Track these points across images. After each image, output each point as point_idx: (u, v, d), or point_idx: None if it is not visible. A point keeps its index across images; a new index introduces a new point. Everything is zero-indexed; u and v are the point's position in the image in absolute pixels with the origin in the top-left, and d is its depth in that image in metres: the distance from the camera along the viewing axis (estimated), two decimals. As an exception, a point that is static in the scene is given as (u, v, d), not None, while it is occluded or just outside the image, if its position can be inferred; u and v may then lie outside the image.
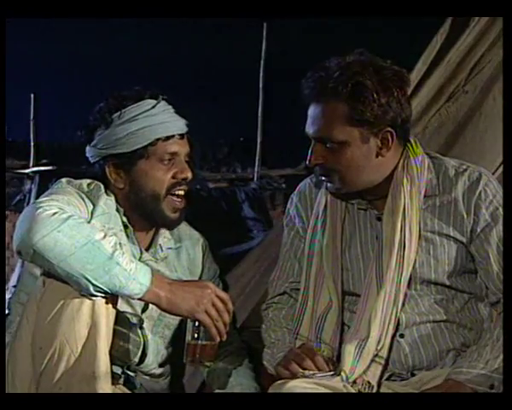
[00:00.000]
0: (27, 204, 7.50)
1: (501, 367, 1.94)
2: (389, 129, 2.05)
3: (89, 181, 2.21)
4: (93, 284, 1.87)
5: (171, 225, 2.27)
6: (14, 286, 4.10)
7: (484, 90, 2.60)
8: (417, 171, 2.10)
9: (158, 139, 2.18)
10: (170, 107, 2.25)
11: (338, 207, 2.17)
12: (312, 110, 2.08)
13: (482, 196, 2.06)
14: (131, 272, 1.90)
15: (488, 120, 2.56)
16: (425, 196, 2.10)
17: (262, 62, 9.71)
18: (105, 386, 1.91)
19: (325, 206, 2.17)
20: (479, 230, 2.06)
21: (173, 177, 2.20)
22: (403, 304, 2.05)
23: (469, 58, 2.65)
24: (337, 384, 2.02)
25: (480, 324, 2.10)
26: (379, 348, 2.02)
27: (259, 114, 9.94)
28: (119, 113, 2.18)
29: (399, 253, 2.05)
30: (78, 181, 2.19)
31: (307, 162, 2.09)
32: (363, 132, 2.03)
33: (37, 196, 2.16)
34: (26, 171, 9.86)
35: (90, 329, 1.90)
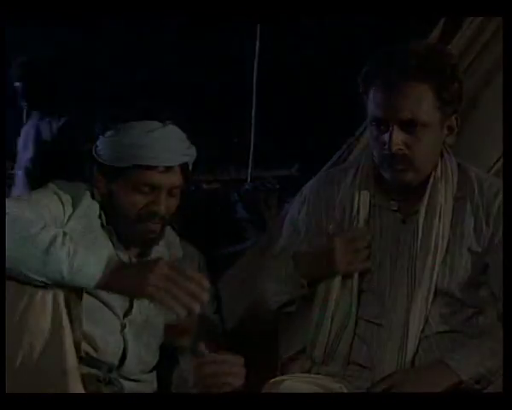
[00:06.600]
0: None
1: (492, 369, 1.93)
2: (456, 115, 2.04)
3: (80, 184, 2.18)
4: (35, 279, 1.81)
5: (145, 245, 2.18)
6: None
7: (481, 88, 2.59)
8: (451, 170, 2.08)
9: (137, 166, 2.07)
10: (173, 135, 2.12)
11: (366, 211, 2.10)
12: (393, 92, 1.98)
13: (501, 209, 2.02)
14: (76, 264, 1.81)
15: (485, 116, 2.56)
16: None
17: (256, 63, 9.72)
18: (76, 383, 1.87)
19: (358, 210, 2.10)
20: (496, 240, 2.03)
21: (145, 206, 2.10)
22: (431, 303, 2.03)
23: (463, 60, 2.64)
24: (333, 385, 2.03)
25: (482, 333, 2.06)
26: (415, 346, 2.01)
27: (253, 114, 9.93)
28: (118, 125, 2.10)
29: (435, 251, 2.02)
30: (69, 183, 2.17)
31: (386, 147, 1.99)
32: (442, 116, 2.01)
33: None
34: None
35: (54, 325, 1.85)
